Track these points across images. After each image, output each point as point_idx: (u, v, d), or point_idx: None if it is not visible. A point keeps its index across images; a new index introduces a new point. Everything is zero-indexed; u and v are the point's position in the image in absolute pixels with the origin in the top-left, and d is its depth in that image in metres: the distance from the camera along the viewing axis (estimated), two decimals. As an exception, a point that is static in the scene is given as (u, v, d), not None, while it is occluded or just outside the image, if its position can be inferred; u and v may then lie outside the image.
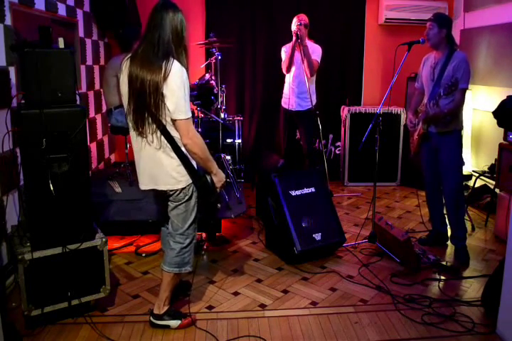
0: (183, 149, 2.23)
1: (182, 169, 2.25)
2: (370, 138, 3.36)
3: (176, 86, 2.09)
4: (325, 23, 5.09)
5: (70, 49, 2.36)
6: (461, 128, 3.29)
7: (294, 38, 4.12)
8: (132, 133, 2.29)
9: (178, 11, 2.18)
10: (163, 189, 2.29)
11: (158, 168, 2.25)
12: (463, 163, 3.41)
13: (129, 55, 2.24)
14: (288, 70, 4.37)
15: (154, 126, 2.16)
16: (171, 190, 2.29)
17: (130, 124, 2.26)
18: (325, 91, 5.30)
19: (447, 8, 5.14)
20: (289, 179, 3.41)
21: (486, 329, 2.46)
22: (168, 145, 2.20)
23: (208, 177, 2.31)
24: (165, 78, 2.07)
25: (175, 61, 2.12)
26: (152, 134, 2.19)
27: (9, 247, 2.76)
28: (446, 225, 3.59)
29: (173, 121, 2.15)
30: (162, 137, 2.19)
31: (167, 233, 2.55)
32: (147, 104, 2.13)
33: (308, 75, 4.19)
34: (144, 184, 2.34)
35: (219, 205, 2.44)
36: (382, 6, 5.22)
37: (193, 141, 2.18)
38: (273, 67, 4.94)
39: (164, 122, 2.15)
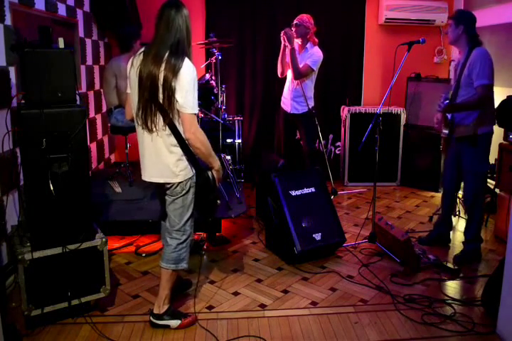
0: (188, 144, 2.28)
1: (181, 163, 2.31)
2: (370, 138, 3.36)
3: (186, 81, 2.17)
4: (325, 23, 5.08)
5: (70, 49, 2.36)
6: (486, 131, 3.12)
7: (282, 42, 4.12)
8: (139, 128, 2.33)
9: (186, 9, 2.25)
10: (161, 181, 2.34)
11: (160, 161, 2.31)
12: (485, 169, 3.27)
13: (140, 51, 2.28)
14: (282, 73, 4.37)
15: (162, 120, 2.22)
16: (168, 183, 2.33)
17: (138, 120, 2.30)
18: (325, 91, 5.30)
19: (447, 8, 5.13)
20: (289, 179, 3.41)
21: (486, 329, 2.46)
22: (172, 140, 2.26)
23: (210, 173, 2.35)
24: (176, 73, 2.15)
25: (186, 58, 2.21)
26: (159, 129, 2.24)
27: (9, 247, 2.76)
28: (450, 228, 3.59)
29: (179, 115, 2.21)
30: (168, 132, 2.24)
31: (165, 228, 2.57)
32: (157, 99, 2.18)
33: (292, 78, 4.17)
34: (146, 176, 2.41)
35: (219, 202, 2.46)
36: (382, 6, 5.21)
37: (196, 135, 2.24)
38: (273, 67, 4.91)
39: (172, 117, 2.21)
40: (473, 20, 3.12)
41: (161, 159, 2.30)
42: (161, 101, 2.18)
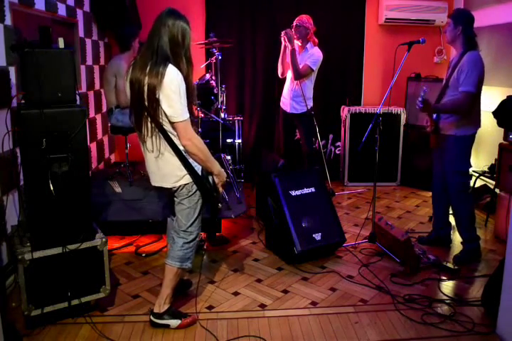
0: (182, 149, 2.26)
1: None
2: (370, 138, 3.36)
3: (171, 90, 2.13)
4: (325, 23, 5.09)
5: (70, 49, 2.37)
6: (467, 133, 3.16)
7: (282, 42, 4.12)
8: (138, 134, 2.34)
9: (180, 19, 2.20)
10: (167, 186, 2.35)
11: (162, 167, 2.31)
12: (466, 168, 3.29)
13: (132, 62, 2.30)
14: (283, 74, 4.37)
15: (154, 127, 2.21)
16: (175, 186, 2.33)
17: (135, 127, 2.31)
18: (325, 91, 5.30)
19: (447, 8, 5.13)
20: (289, 179, 3.41)
21: (486, 329, 2.46)
22: (168, 145, 2.24)
23: (210, 178, 2.33)
24: (160, 82, 2.11)
25: (170, 65, 2.15)
26: (152, 135, 2.24)
27: (9, 247, 2.76)
28: (449, 229, 3.58)
29: (171, 123, 2.19)
30: (162, 138, 2.23)
31: (172, 227, 2.57)
32: (145, 107, 2.18)
33: (292, 78, 4.18)
34: (153, 181, 2.42)
35: (220, 205, 2.45)
36: (382, 6, 5.22)
37: (192, 142, 2.21)
38: (273, 67, 4.93)
39: (163, 124, 2.20)
40: (472, 20, 3.09)
41: (164, 165, 2.29)
42: (150, 111, 2.17)
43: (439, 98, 3.24)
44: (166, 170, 2.31)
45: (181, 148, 2.25)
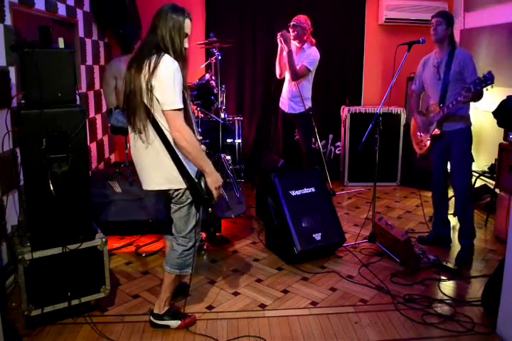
0: (174, 147, 2.18)
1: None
2: (370, 138, 3.36)
3: (164, 76, 2.08)
4: (325, 23, 5.09)
5: (70, 49, 2.37)
6: (470, 124, 3.29)
7: (279, 44, 4.12)
8: (130, 133, 2.28)
9: (175, 12, 2.15)
10: (163, 188, 2.26)
11: (156, 166, 2.23)
12: (472, 161, 3.39)
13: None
14: (281, 75, 4.36)
15: (146, 123, 2.15)
16: (175, 191, 2.26)
17: (129, 127, 2.27)
18: (325, 91, 5.30)
19: (447, 8, 5.13)
20: (289, 179, 3.41)
21: (486, 329, 2.46)
22: (163, 144, 2.18)
23: (202, 180, 2.22)
24: (153, 70, 2.08)
25: (166, 55, 2.12)
26: (146, 132, 2.17)
27: (9, 247, 2.76)
28: (449, 229, 3.58)
29: (163, 113, 2.13)
30: (156, 135, 2.17)
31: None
32: (139, 101, 2.13)
33: (290, 79, 4.18)
34: (146, 184, 2.32)
35: (210, 210, 2.34)
36: (382, 6, 5.22)
37: (181, 133, 2.11)
38: (273, 67, 4.94)
39: (155, 117, 2.14)
40: (454, 22, 3.30)
41: (159, 164, 2.21)
42: (143, 102, 2.12)
43: (442, 95, 3.22)
44: (161, 170, 2.21)
45: (173, 144, 2.16)
